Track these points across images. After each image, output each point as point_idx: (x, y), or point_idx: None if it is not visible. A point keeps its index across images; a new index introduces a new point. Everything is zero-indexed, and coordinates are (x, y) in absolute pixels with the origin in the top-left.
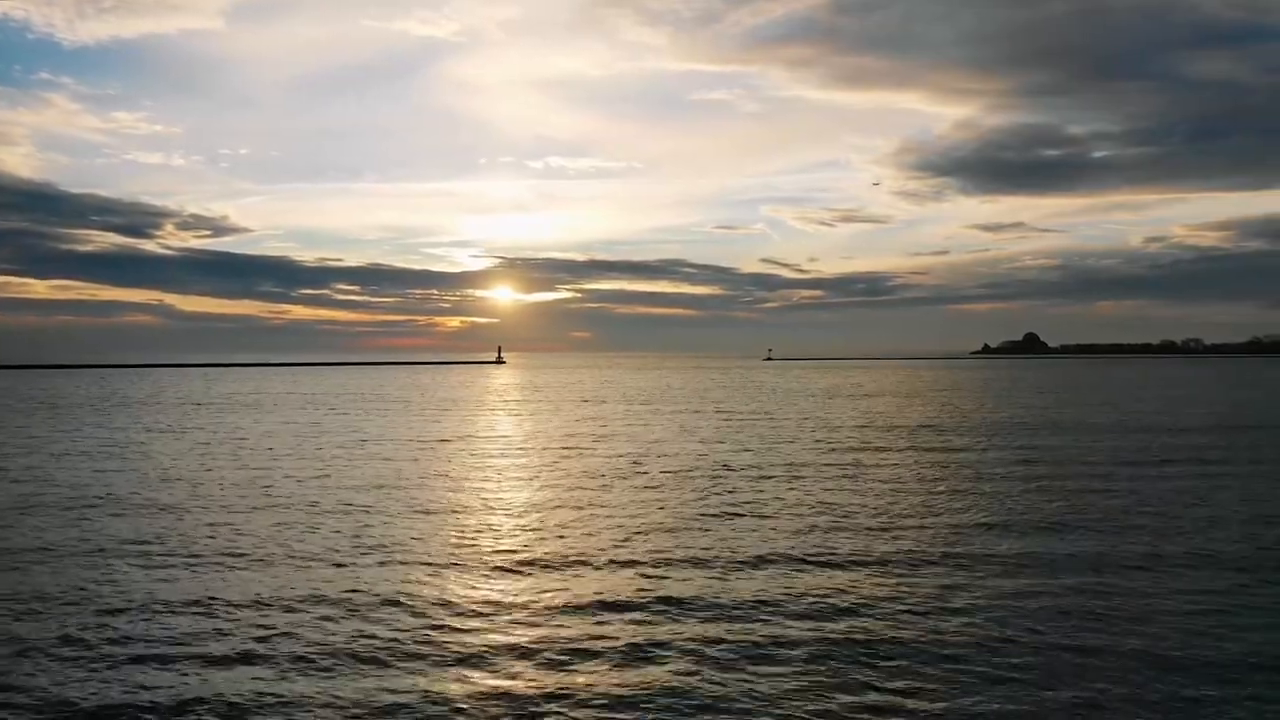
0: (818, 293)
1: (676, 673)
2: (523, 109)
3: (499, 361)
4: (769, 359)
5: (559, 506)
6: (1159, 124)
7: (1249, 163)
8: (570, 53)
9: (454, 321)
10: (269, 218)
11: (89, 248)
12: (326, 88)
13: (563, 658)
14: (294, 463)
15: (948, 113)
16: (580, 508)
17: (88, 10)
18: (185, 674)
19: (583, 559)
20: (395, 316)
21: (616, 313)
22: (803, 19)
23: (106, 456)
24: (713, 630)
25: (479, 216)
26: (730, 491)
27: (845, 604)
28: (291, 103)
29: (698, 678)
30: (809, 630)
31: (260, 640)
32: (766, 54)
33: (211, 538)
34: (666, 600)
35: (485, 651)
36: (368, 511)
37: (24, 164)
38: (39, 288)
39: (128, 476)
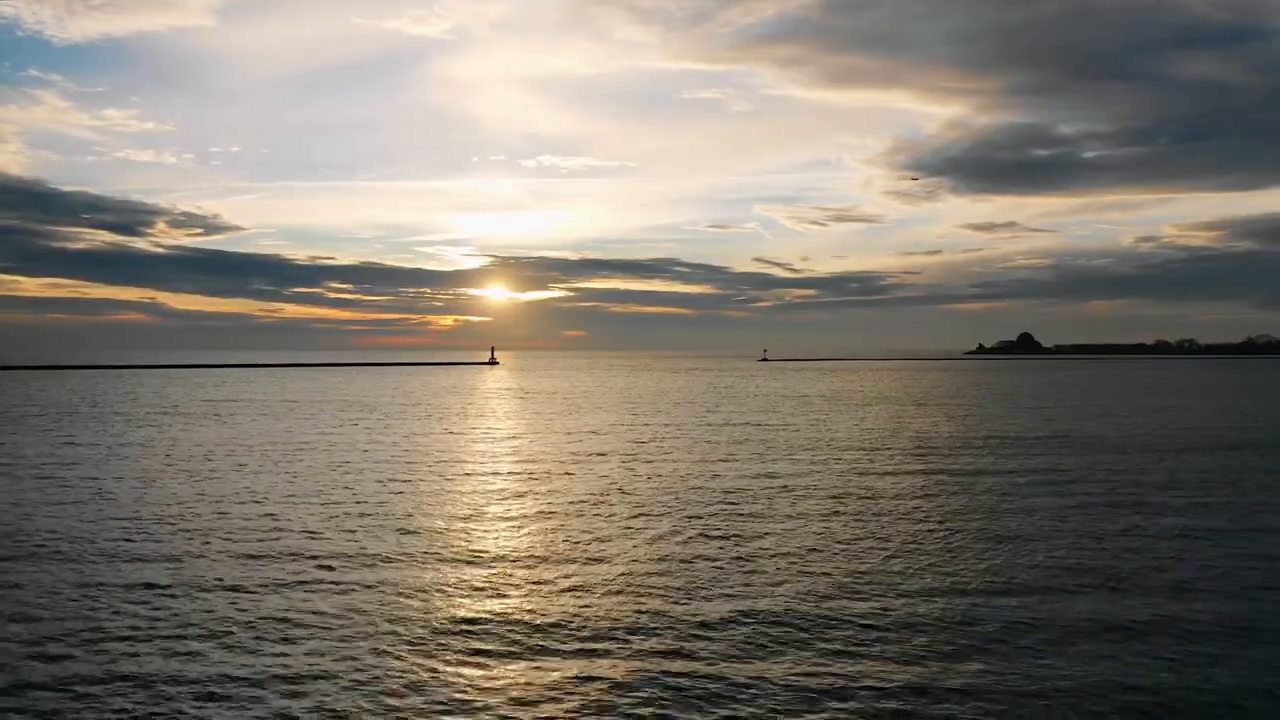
0: (810, 292)
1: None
2: (514, 107)
3: (492, 363)
4: (764, 360)
5: (538, 544)
6: (1148, 124)
7: (1237, 163)
8: (561, 51)
9: (447, 320)
10: (261, 215)
11: (80, 245)
12: (318, 85)
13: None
14: (222, 513)
15: (938, 112)
16: (567, 553)
17: (77, 7)
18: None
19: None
20: (388, 315)
21: (610, 311)
22: (794, 18)
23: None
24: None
25: (471, 215)
26: (744, 526)
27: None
28: (283, 100)
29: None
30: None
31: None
32: (757, 53)
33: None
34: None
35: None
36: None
37: (13, 161)
38: (30, 285)
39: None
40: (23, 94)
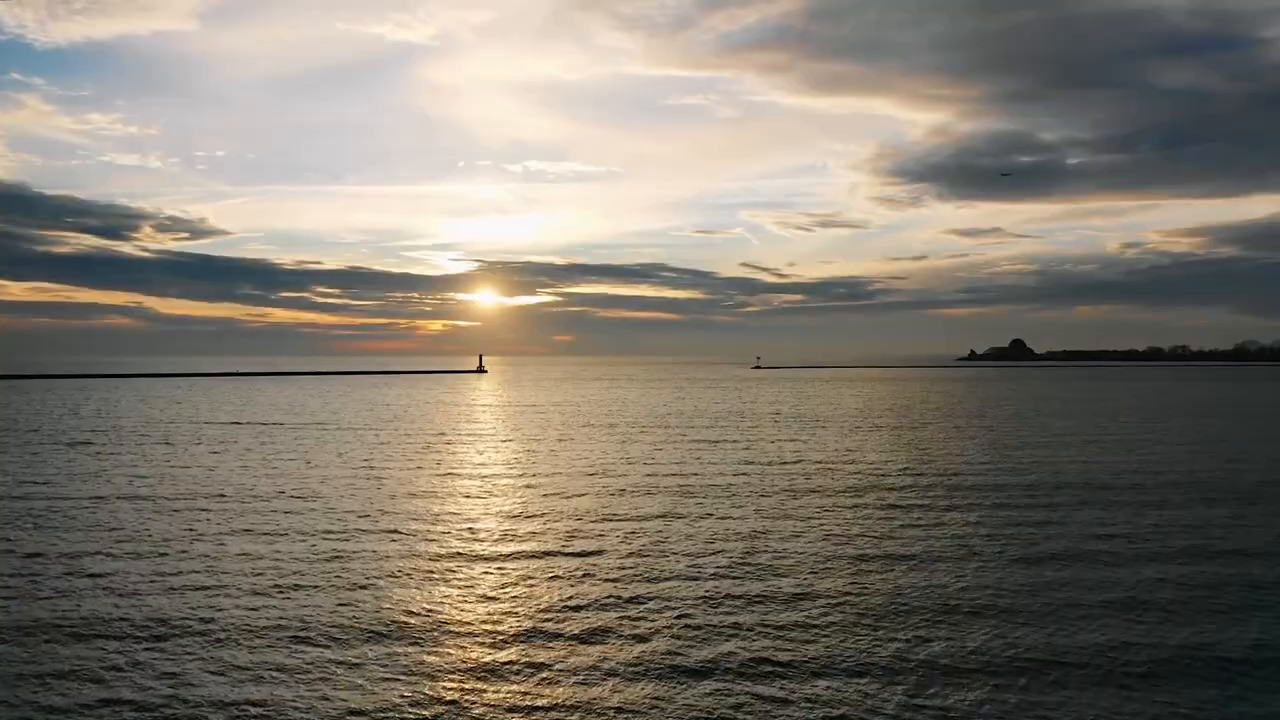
0: (798, 297)
1: None
2: (500, 112)
3: (480, 370)
4: (757, 367)
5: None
6: (1130, 131)
7: (1219, 170)
8: (545, 57)
9: (436, 325)
10: (247, 220)
11: (65, 249)
12: (303, 89)
13: None
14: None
15: (921, 119)
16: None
17: (59, 11)
18: None
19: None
20: (376, 320)
21: (598, 316)
22: (776, 25)
23: None
24: None
25: (458, 219)
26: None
27: None
28: (268, 104)
29: None
30: None
31: None
32: (741, 59)
33: None
34: None
35: None
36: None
37: None
38: (15, 289)
39: None
40: (4, 97)
